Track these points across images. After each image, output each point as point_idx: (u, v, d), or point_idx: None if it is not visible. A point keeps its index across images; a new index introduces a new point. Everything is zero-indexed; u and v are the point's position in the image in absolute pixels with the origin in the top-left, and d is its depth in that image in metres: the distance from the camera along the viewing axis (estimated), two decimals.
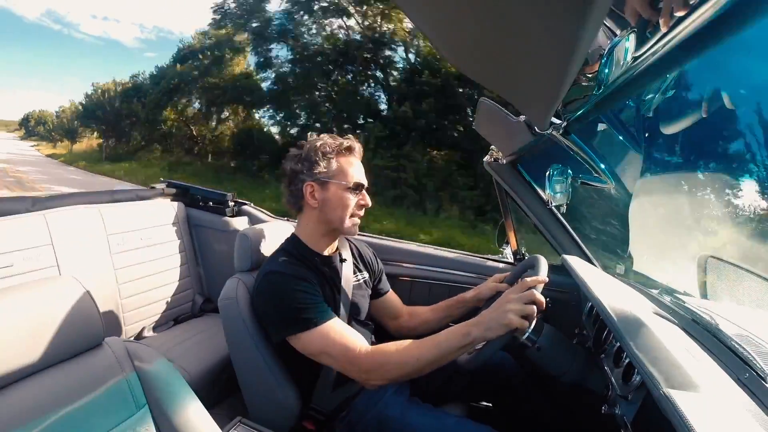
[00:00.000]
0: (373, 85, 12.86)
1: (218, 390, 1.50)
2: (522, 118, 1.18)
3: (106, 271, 1.56)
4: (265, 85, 14.18)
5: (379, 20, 12.67)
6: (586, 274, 1.18)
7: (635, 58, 0.57)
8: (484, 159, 1.68)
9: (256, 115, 14.76)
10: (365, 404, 1.08)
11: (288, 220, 1.94)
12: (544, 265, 1.05)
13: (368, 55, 12.63)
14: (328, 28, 13.37)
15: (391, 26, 12.41)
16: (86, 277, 1.43)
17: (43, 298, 0.69)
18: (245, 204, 2.08)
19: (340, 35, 13.18)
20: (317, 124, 13.06)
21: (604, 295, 0.96)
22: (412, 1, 0.52)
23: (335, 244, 1.19)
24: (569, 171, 1.43)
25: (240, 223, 1.93)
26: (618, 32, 0.54)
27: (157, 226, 1.80)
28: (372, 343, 1.02)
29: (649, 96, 0.95)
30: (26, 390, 0.64)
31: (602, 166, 1.24)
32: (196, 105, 15.94)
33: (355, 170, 1.11)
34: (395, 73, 12.56)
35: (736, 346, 0.73)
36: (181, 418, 0.74)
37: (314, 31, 13.47)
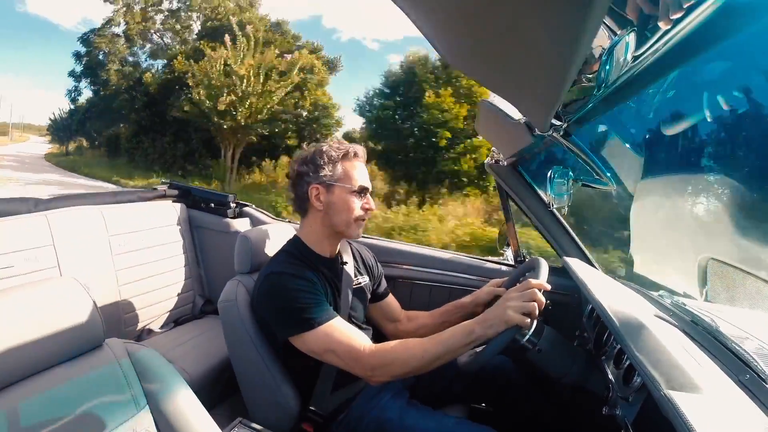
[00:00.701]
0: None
1: (219, 391, 1.50)
2: (522, 119, 1.18)
3: (107, 272, 1.56)
4: None
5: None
6: (587, 276, 1.17)
7: (635, 58, 0.57)
8: (485, 161, 1.68)
9: None
10: (364, 407, 1.08)
11: (290, 221, 1.94)
12: (544, 267, 1.04)
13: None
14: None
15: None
16: (87, 278, 1.43)
17: (43, 299, 0.69)
18: (247, 206, 2.08)
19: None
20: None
21: (605, 298, 0.96)
22: (412, 3, 0.52)
23: (337, 247, 1.19)
24: (570, 173, 1.42)
25: (241, 225, 1.93)
26: (618, 32, 0.54)
27: (158, 228, 1.80)
28: None
29: (650, 96, 0.95)
30: (26, 391, 0.64)
31: (603, 167, 1.24)
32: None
33: (360, 174, 1.12)
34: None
35: (737, 347, 0.73)
36: (181, 418, 0.74)
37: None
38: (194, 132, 14.17)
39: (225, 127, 11.51)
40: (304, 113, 13.14)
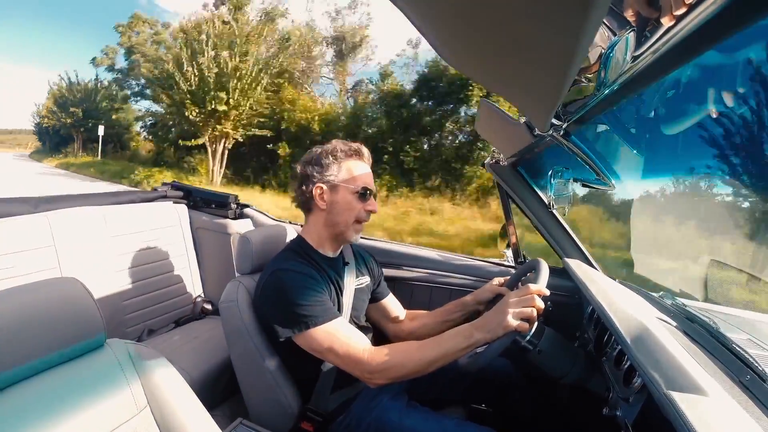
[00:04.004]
0: None
1: (219, 391, 1.50)
2: (522, 119, 1.18)
3: (107, 273, 1.56)
4: None
5: None
6: (587, 277, 1.18)
7: (635, 58, 0.57)
8: (486, 160, 1.68)
9: None
10: (363, 408, 1.08)
11: (290, 222, 1.94)
12: (544, 268, 1.04)
13: None
14: None
15: None
16: (88, 278, 1.43)
17: (44, 299, 0.69)
18: (248, 206, 2.08)
19: None
20: None
21: (605, 299, 0.96)
22: (412, 3, 0.52)
23: (340, 247, 1.20)
24: (571, 173, 1.42)
25: (242, 226, 1.93)
26: (618, 32, 0.54)
27: (159, 228, 1.80)
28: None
29: (650, 96, 0.94)
30: (27, 392, 0.64)
31: (603, 167, 1.24)
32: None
33: (364, 176, 1.13)
34: None
35: (737, 348, 0.73)
36: (182, 419, 0.74)
37: None
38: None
39: None
40: None
